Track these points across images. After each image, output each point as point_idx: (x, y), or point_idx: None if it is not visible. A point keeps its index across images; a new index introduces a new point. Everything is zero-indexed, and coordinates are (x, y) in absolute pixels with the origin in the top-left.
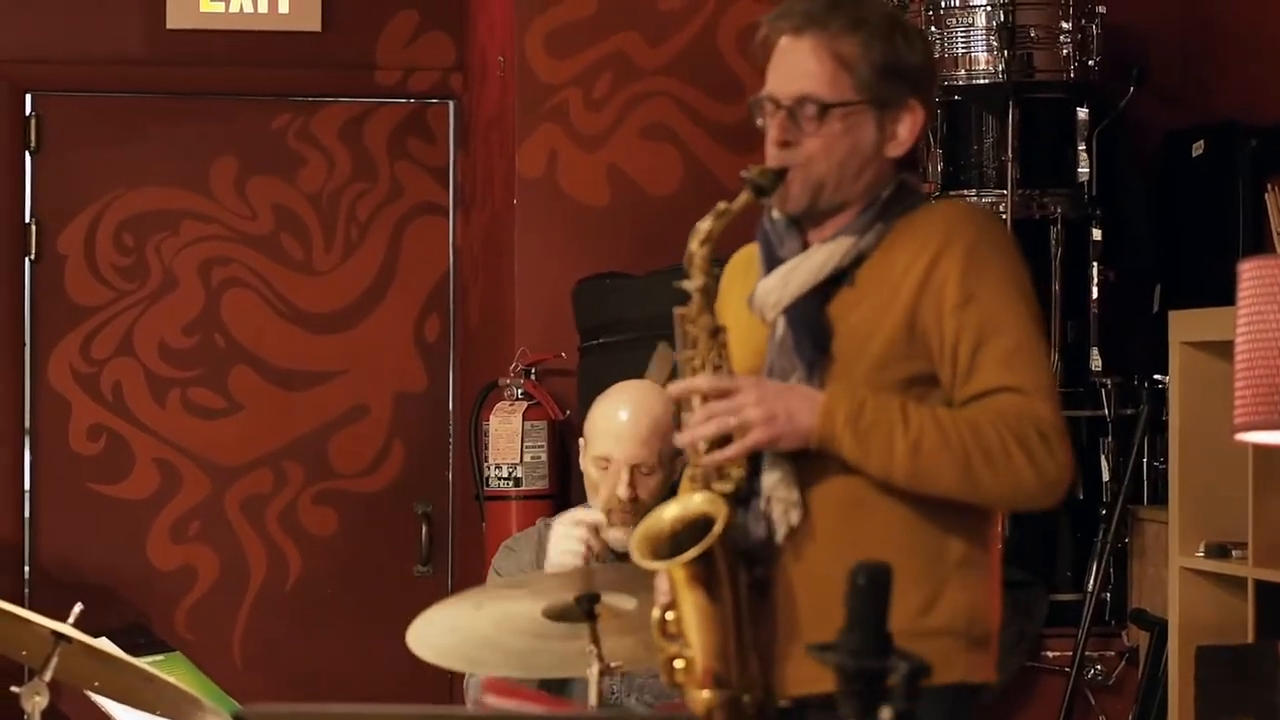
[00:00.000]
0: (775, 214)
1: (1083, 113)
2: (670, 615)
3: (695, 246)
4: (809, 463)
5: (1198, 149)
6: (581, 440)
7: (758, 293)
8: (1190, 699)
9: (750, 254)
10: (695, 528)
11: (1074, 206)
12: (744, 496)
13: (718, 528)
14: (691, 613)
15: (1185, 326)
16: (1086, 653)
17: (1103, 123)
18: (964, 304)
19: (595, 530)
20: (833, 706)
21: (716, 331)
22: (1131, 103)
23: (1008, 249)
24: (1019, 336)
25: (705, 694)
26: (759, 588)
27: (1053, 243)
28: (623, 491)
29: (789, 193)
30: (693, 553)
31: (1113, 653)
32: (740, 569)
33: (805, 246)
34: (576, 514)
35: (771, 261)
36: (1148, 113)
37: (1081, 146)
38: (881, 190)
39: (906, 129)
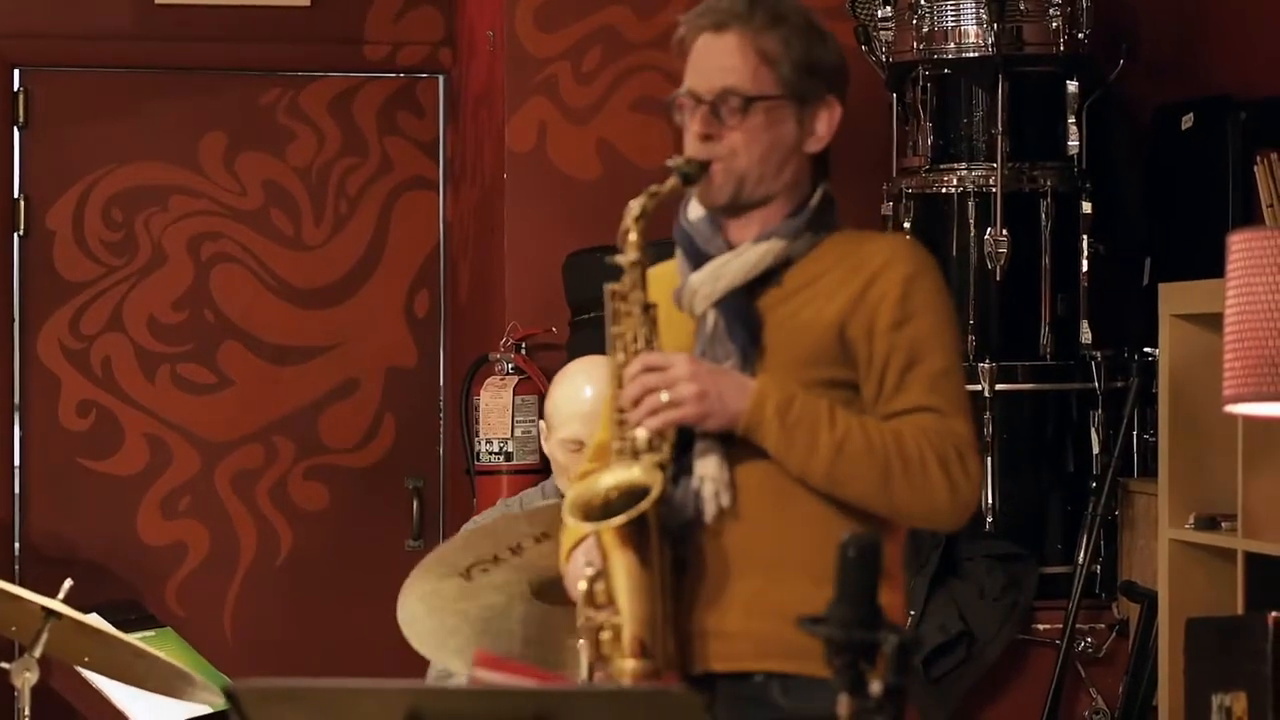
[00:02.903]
0: (692, 215)
1: (1072, 86)
2: (599, 585)
3: (629, 223)
4: (737, 448)
5: (1187, 122)
6: (542, 423)
7: (687, 286)
8: (1180, 671)
9: (668, 270)
10: (630, 496)
11: (1064, 180)
12: (672, 475)
13: (654, 492)
14: (623, 578)
15: (1175, 299)
16: (1077, 625)
17: (1092, 96)
18: (899, 325)
19: None
20: (742, 684)
21: (648, 308)
22: (1121, 76)
23: (942, 286)
24: (947, 363)
25: (631, 664)
26: (677, 566)
27: (1042, 216)
28: None
29: (712, 184)
30: (630, 514)
31: (1103, 625)
32: (666, 544)
33: (730, 243)
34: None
35: (697, 257)
36: (1137, 86)
37: (1071, 120)
38: (805, 192)
39: (824, 125)
